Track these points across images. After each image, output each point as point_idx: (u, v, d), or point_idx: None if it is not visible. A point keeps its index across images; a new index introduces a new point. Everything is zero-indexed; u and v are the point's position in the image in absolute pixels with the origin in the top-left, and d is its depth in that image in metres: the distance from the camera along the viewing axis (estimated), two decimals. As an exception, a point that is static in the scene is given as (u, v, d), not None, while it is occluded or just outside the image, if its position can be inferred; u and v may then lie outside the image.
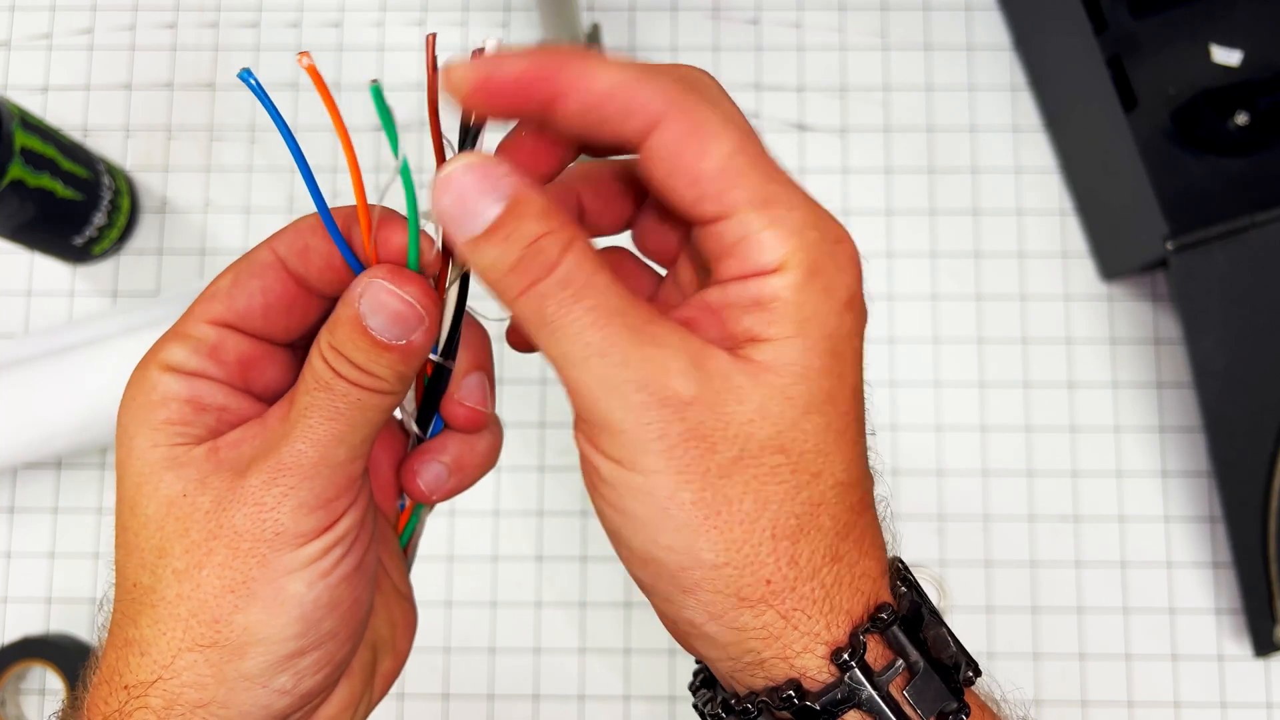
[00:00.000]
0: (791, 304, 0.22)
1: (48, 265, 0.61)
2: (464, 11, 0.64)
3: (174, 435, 0.24)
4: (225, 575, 0.23)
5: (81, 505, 0.59)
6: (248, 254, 0.25)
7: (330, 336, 0.23)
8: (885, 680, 0.22)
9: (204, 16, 0.64)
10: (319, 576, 0.23)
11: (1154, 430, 0.59)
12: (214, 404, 0.24)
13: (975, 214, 0.61)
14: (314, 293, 0.25)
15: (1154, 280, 0.60)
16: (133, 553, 0.24)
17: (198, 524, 0.23)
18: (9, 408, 0.54)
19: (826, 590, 0.22)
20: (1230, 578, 0.57)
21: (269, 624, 0.23)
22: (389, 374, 0.24)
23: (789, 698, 0.22)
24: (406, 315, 0.23)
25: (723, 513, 0.21)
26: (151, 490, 0.23)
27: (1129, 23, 0.59)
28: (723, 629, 0.22)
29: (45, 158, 0.53)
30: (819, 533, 0.22)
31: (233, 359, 0.25)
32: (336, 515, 0.24)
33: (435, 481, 0.28)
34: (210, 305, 0.25)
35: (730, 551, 0.22)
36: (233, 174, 0.62)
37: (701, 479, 0.21)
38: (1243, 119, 0.56)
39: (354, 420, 0.24)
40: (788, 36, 0.63)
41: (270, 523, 0.23)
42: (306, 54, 0.22)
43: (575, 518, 0.59)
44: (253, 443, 0.24)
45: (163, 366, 0.24)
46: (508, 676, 0.57)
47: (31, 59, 0.64)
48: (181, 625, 0.23)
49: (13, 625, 0.58)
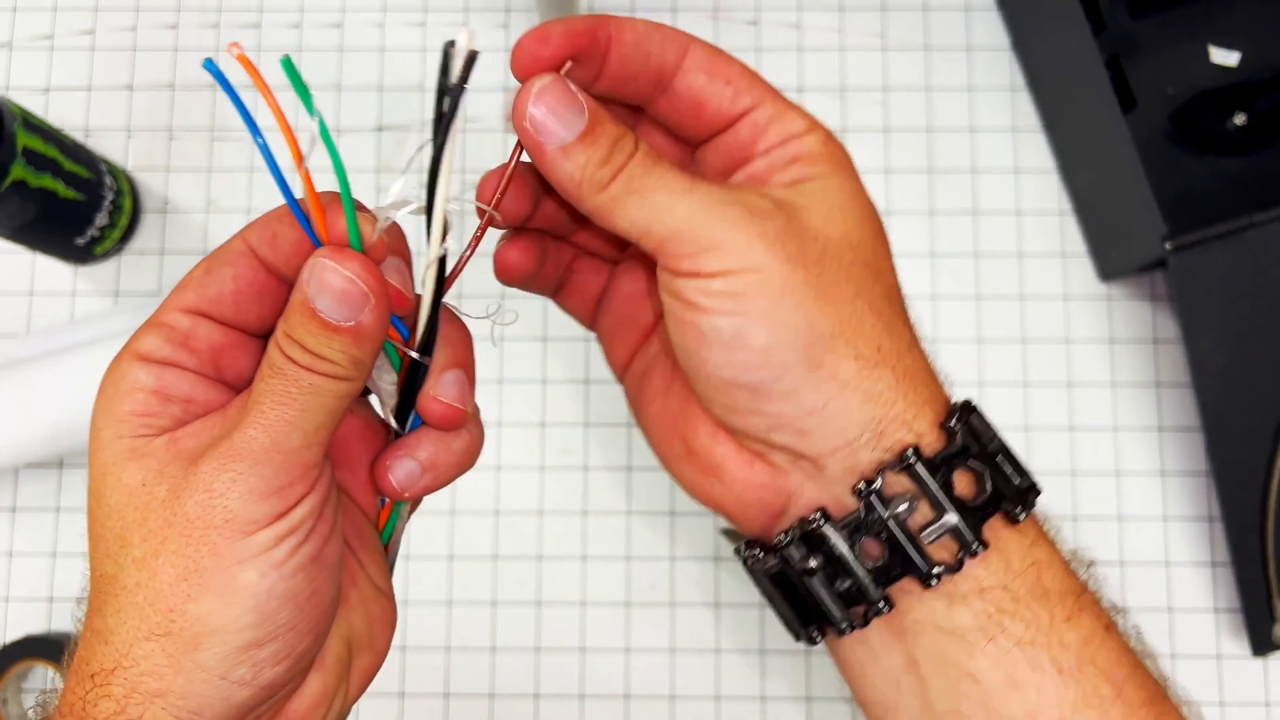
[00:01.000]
0: (824, 153, 0.26)
1: (49, 265, 0.62)
2: (464, 12, 0.64)
3: (138, 426, 0.24)
4: (178, 563, 0.23)
5: (83, 505, 0.59)
6: (221, 245, 0.26)
7: (284, 323, 0.24)
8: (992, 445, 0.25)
9: (205, 17, 0.64)
10: (271, 566, 0.23)
11: (1153, 430, 0.59)
12: (180, 395, 0.25)
13: (974, 214, 0.61)
14: (284, 281, 0.26)
15: (1153, 280, 0.60)
16: (99, 543, 0.24)
17: (155, 512, 0.23)
18: (11, 408, 0.54)
19: (921, 364, 0.26)
20: (1228, 577, 0.57)
21: (222, 614, 0.23)
22: (342, 358, 0.24)
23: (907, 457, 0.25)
24: (350, 293, 0.23)
25: (829, 292, 0.25)
26: (114, 481, 0.24)
27: (1128, 23, 0.59)
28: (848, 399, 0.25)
29: (47, 158, 0.53)
30: (899, 319, 0.26)
31: (204, 347, 0.25)
32: (290, 503, 0.23)
33: (407, 479, 0.27)
34: (184, 294, 0.25)
35: (842, 322, 0.25)
36: (234, 174, 0.62)
37: (805, 264, 0.24)
38: (1241, 119, 0.56)
39: (307, 405, 0.23)
40: (787, 37, 0.64)
41: (219, 509, 0.23)
42: (236, 44, 0.24)
43: (576, 517, 0.59)
44: (210, 432, 0.24)
45: (135, 356, 0.25)
46: (508, 676, 0.57)
47: (33, 60, 0.64)
48: (139, 614, 0.23)
49: (15, 624, 0.58)
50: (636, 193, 0.25)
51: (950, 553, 0.25)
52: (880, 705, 0.27)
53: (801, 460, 0.26)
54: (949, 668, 0.25)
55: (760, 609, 0.58)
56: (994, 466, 0.25)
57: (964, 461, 0.25)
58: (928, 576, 0.25)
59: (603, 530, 0.59)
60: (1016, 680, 0.25)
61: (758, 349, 0.24)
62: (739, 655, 0.57)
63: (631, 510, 0.59)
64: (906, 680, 0.26)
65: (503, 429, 0.58)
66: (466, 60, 0.24)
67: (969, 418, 0.25)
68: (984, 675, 0.25)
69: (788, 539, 0.26)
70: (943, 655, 0.25)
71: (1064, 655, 0.25)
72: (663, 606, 0.58)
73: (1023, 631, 0.25)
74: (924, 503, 0.25)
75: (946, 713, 0.25)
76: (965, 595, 0.25)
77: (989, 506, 0.25)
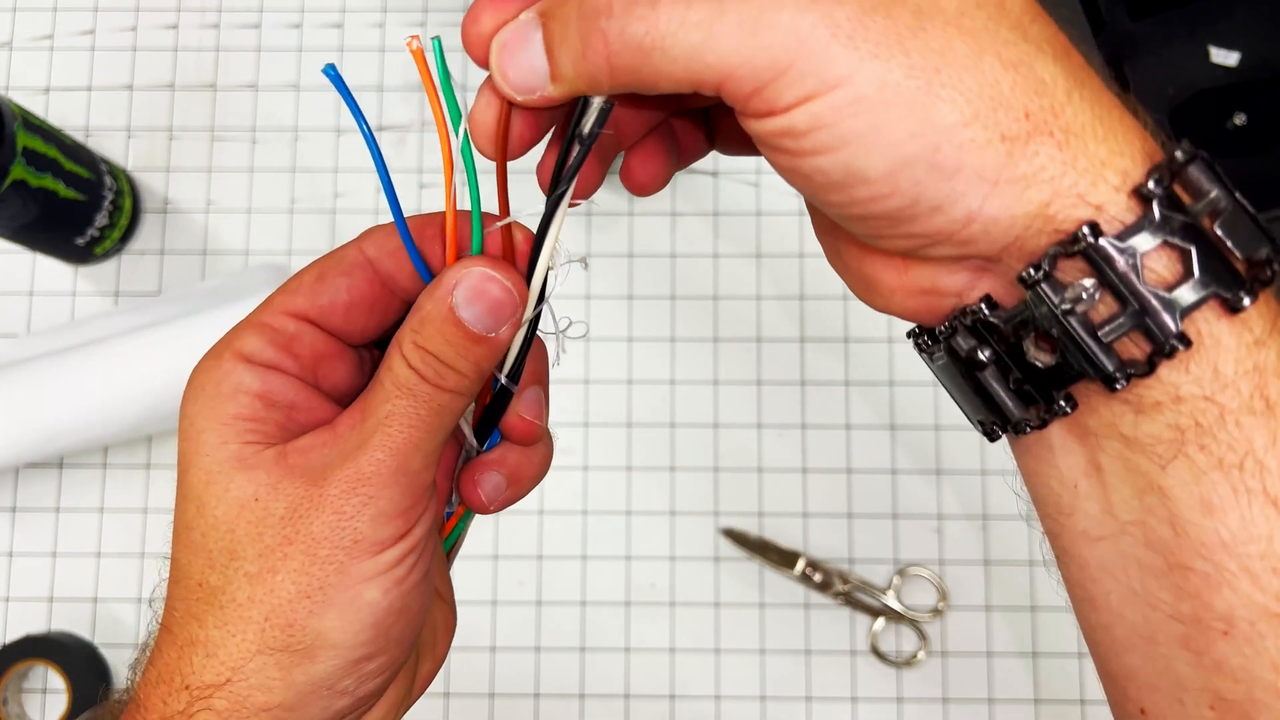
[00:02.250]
0: None
1: (50, 266, 0.62)
2: (464, 12, 0.64)
3: (244, 432, 0.24)
4: (301, 581, 0.23)
5: (83, 505, 0.59)
6: (335, 252, 0.26)
7: (416, 335, 0.23)
8: (1199, 213, 0.19)
9: (205, 18, 0.64)
10: (394, 583, 0.24)
11: (1153, 430, 0.59)
12: (284, 400, 0.25)
13: (974, 214, 0.61)
14: (399, 293, 0.26)
15: (1153, 280, 0.60)
16: (199, 552, 0.24)
17: (271, 529, 0.23)
18: (11, 407, 0.54)
19: (1093, 111, 0.20)
20: (1229, 577, 0.57)
21: (343, 629, 0.23)
22: (472, 370, 0.24)
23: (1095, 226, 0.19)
24: (505, 302, 0.23)
25: (941, 68, 0.19)
26: (221, 491, 0.23)
27: (1127, 23, 0.59)
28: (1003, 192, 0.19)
29: (47, 158, 0.53)
30: (1044, 56, 0.20)
31: (307, 353, 0.25)
32: (411, 523, 0.24)
33: (495, 491, 0.28)
34: (292, 298, 0.25)
35: (970, 100, 0.19)
36: (234, 174, 0.62)
37: (899, 47, 0.19)
38: (1241, 120, 0.56)
39: (431, 426, 0.24)
40: (787, 37, 0.64)
41: (349, 530, 0.23)
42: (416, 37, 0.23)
43: (575, 517, 0.59)
44: (323, 450, 0.24)
45: (237, 355, 0.24)
46: (508, 675, 0.57)
47: (33, 60, 0.64)
48: (255, 628, 0.23)
49: (15, 624, 0.58)
50: (657, 46, 0.20)
51: (1143, 351, 0.20)
52: (1053, 505, 0.23)
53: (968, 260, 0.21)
54: (1136, 477, 0.21)
55: (760, 609, 0.58)
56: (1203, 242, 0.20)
57: (1163, 235, 0.19)
58: (1110, 378, 0.20)
59: (603, 530, 0.59)
60: (1213, 505, 0.20)
61: (878, 179, 0.20)
62: (739, 655, 0.57)
63: (631, 510, 0.59)
64: (1086, 484, 0.22)
65: (503, 429, 0.58)
66: (601, 112, 0.22)
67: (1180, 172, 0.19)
68: (1175, 492, 0.21)
69: (950, 329, 0.22)
70: (1129, 464, 0.21)
71: None
72: (663, 606, 0.58)
73: (1227, 453, 0.20)
74: (1106, 292, 0.20)
75: (1131, 523, 0.22)
76: (1158, 404, 0.20)
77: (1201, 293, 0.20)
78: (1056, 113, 0.20)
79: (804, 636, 0.57)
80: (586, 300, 0.60)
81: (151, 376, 0.54)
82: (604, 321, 0.60)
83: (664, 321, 0.60)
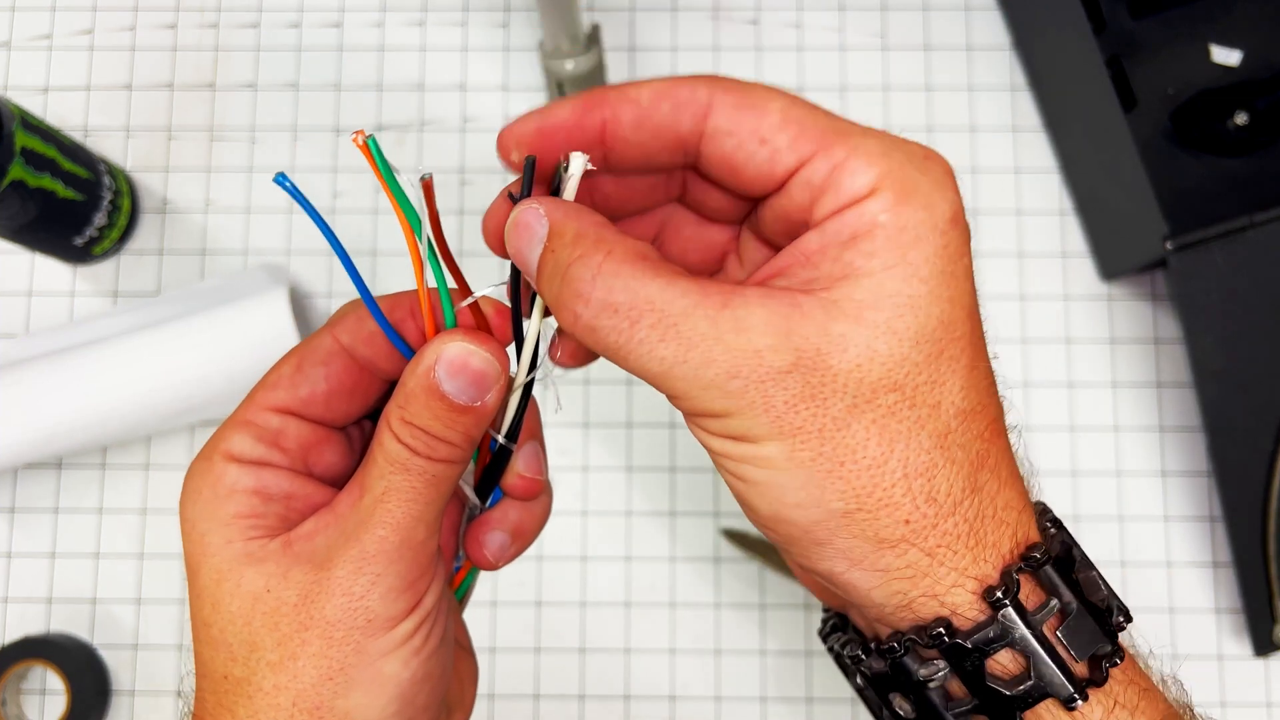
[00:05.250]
0: (892, 228, 0.21)
1: (48, 266, 0.62)
2: (464, 12, 0.64)
3: (247, 529, 0.24)
4: (322, 664, 0.23)
5: (82, 505, 0.59)
6: (309, 340, 0.26)
7: (403, 411, 0.24)
8: (1039, 620, 0.22)
9: (204, 17, 0.64)
10: (412, 654, 0.24)
11: (1153, 430, 0.59)
12: (280, 492, 0.25)
13: (975, 214, 0.61)
14: (379, 375, 0.26)
15: (1153, 280, 0.60)
16: (219, 648, 0.24)
17: (286, 617, 0.23)
18: (10, 408, 0.54)
19: (970, 524, 0.22)
20: (1230, 577, 0.57)
21: (370, 705, 0.24)
22: (462, 439, 0.24)
23: (938, 635, 0.21)
24: (486, 373, 0.24)
25: (846, 463, 0.21)
26: (233, 587, 0.24)
27: (1128, 23, 0.59)
28: (865, 574, 0.22)
29: (46, 158, 0.53)
30: (953, 465, 0.21)
31: (294, 445, 0.26)
32: (421, 594, 0.25)
33: (500, 550, 0.29)
34: (273, 393, 0.26)
35: (861, 498, 0.21)
36: (233, 174, 0.62)
37: (818, 437, 0.21)
38: (1242, 119, 0.56)
39: (429, 498, 0.24)
40: (788, 37, 0.63)
41: (362, 610, 0.23)
42: (361, 132, 0.23)
43: (576, 517, 0.59)
44: (326, 533, 0.24)
45: (227, 457, 0.25)
46: (508, 676, 0.57)
47: (32, 60, 0.64)
48: (284, 714, 0.23)
49: (13, 625, 0.58)
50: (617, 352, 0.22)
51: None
52: None
53: None
54: None
55: (760, 609, 0.58)
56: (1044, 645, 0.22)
57: (1006, 640, 0.21)
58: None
59: (603, 530, 0.59)
60: None
61: (763, 518, 0.22)
62: (739, 655, 0.57)
63: (631, 510, 0.59)
64: None
65: (502, 429, 0.58)
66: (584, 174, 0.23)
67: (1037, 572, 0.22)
68: None
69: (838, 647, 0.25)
70: None
71: None
72: (663, 606, 0.58)
73: None
74: (955, 677, 0.22)
75: None
76: None
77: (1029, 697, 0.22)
78: (936, 523, 0.21)
79: (804, 637, 0.57)
80: (586, 300, 0.60)
81: (151, 376, 0.54)
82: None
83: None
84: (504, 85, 0.63)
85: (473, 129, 0.63)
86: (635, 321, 0.21)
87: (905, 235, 0.21)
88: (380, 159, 0.23)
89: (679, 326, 0.21)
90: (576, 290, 0.21)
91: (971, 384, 0.22)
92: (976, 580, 0.22)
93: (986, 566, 0.22)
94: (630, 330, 0.21)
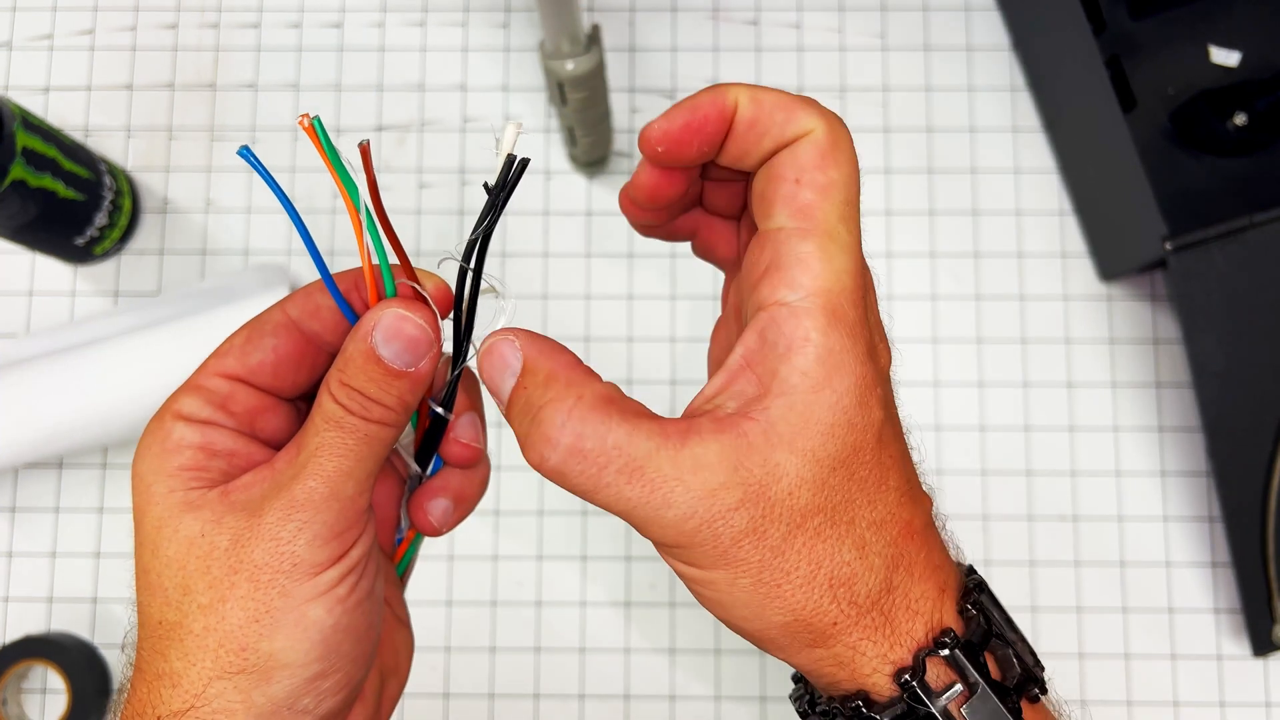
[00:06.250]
0: (822, 348, 0.24)
1: (49, 265, 0.62)
2: (464, 12, 0.64)
3: (189, 480, 0.26)
4: (249, 606, 0.24)
5: (82, 505, 0.59)
6: (260, 315, 0.28)
7: (341, 374, 0.25)
8: (945, 699, 0.24)
9: (205, 17, 0.64)
10: (336, 602, 0.25)
11: (1153, 430, 0.59)
12: (224, 449, 0.26)
13: (974, 214, 0.61)
14: (323, 348, 0.28)
15: (1153, 280, 0.60)
16: (156, 593, 0.25)
17: (218, 561, 0.25)
18: (10, 408, 0.54)
19: (886, 617, 0.25)
20: (1229, 577, 0.57)
21: (294, 649, 0.25)
22: (396, 403, 0.26)
23: (856, 707, 0.25)
24: (419, 339, 0.26)
25: (782, 584, 0.24)
26: (171, 533, 0.25)
27: (1128, 23, 0.59)
28: (804, 661, 0.25)
29: (47, 158, 0.53)
30: (871, 571, 0.24)
31: (241, 410, 0.27)
32: (348, 545, 0.26)
33: (443, 515, 0.30)
34: (223, 360, 0.27)
35: (795, 611, 0.24)
36: (234, 174, 0.62)
37: (757, 567, 0.24)
38: (1241, 119, 0.56)
39: (361, 455, 0.25)
40: (787, 37, 0.64)
41: (288, 555, 0.25)
42: (306, 115, 0.25)
43: (575, 517, 0.59)
44: (261, 485, 0.26)
45: (176, 415, 0.26)
46: (508, 676, 0.57)
47: (33, 60, 0.64)
48: (210, 655, 0.24)
49: (14, 624, 0.58)
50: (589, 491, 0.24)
51: None
52: None
53: None
54: None
55: (760, 609, 0.58)
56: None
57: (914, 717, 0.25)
58: None
59: (603, 530, 0.59)
60: None
61: (721, 619, 0.26)
62: (739, 655, 0.57)
63: (631, 510, 0.59)
64: None
65: (502, 428, 0.58)
66: (518, 167, 0.25)
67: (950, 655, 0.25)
68: None
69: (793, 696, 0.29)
70: None
71: None
72: (663, 606, 0.58)
73: None
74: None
75: None
76: None
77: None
78: (858, 620, 0.25)
79: (804, 637, 0.57)
80: (586, 301, 0.60)
81: (151, 376, 0.54)
82: (605, 321, 0.60)
83: (664, 321, 0.60)
84: (504, 85, 0.63)
85: (473, 129, 0.63)
86: (603, 467, 0.24)
87: (831, 359, 0.24)
88: (325, 139, 0.24)
89: (644, 469, 0.24)
90: (545, 434, 0.24)
91: (880, 498, 0.25)
92: (892, 664, 0.25)
93: (902, 651, 0.25)
94: (599, 475, 0.24)
